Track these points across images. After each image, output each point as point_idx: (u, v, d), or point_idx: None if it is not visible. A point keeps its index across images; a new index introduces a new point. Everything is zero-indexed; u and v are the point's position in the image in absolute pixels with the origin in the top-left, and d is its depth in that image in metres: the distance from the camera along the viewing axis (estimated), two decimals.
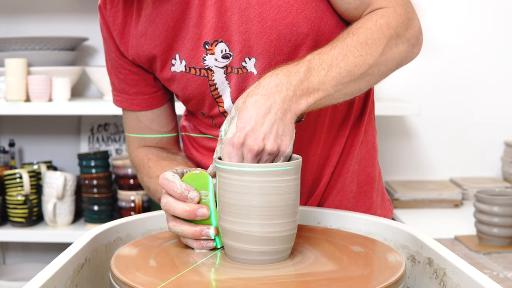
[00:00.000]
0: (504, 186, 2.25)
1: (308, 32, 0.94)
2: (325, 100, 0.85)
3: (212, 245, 0.80)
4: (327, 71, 0.84)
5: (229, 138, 0.77)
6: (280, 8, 0.92)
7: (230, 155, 0.76)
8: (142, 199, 2.17)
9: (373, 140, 1.12)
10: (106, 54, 1.11)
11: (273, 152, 0.77)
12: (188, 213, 0.79)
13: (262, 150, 0.76)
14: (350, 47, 0.87)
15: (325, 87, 0.83)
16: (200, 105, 1.04)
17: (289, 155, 0.79)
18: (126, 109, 1.13)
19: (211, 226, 0.80)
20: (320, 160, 1.06)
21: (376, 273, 0.73)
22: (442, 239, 1.81)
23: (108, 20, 1.05)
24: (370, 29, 0.90)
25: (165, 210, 0.81)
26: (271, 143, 0.76)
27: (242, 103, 0.79)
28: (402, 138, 2.39)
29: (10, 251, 2.47)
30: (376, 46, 0.89)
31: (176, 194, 0.79)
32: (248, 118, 0.77)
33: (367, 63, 0.87)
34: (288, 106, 0.79)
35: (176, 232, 0.81)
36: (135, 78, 1.09)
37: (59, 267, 0.72)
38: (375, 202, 1.13)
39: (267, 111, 0.77)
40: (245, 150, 0.76)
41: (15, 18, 2.36)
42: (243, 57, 0.96)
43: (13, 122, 2.43)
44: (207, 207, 0.79)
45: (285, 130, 0.78)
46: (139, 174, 1.14)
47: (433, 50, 2.31)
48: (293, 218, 0.76)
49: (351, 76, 0.86)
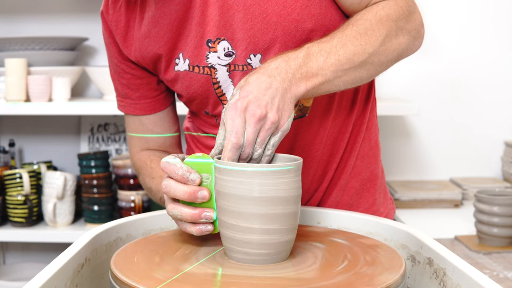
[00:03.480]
0: (504, 186, 2.25)
1: (312, 28, 0.95)
2: (325, 85, 0.86)
3: (211, 229, 0.79)
4: (326, 57, 0.86)
5: (232, 102, 0.78)
6: (285, 4, 0.93)
7: (233, 118, 0.77)
8: (142, 199, 2.17)
9: (375, 138, 1.13)
10: (109, 61, 1.11)
11: (275, 121, 0.78)
12: (189, 195, 0.77)
13: (264, 117, 0.77)
14: (349, 36, 0.89)
15: (324, 72, 0.85)
16: (204, 104, 1.04)
17: (286, 132, 0.80)
18: (130, 114, 1.14)
19: (211, 208, 0.79)
20: (324, 157, 1.07)
21: (376, 273, 0.73)
22: (442, 239, 1.81)
23: (111, 25, 1.06)
24: (370, 20, 0.91)
25: (165, 192, 0.80)
26: (273, 113, 0.78)
27: (244, 81, 0.81)
28: (402, 138, 2.39)
29: (10, 251, 2.47)
30: (376, 37, 0.90)
31: (177, 176, 0.78)
32: (251, 89, 0.79)
33: (367, 52, 0.89)
34: (288, 86, 0.81)
35: (175, 215, 0.79)
36: (138, 82, 1.10)
37: (59, 267, 0.72)
38: (377, 199, 1.13)
39: (268, 86, 0.80)
40: (247, 115, 0.77)
41: (15, 18, 2.36)
42: (248, 54, 0.96)
43: (13, 122, 2.43)
44: (208, 190, 0.78)
45: (285, 107, 0.80)
46: (140, 176, 1.14)
47: (433, 50, 2.31)
48: (294, 217, 0.76)
49: (351, 63, 0.88)
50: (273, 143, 0.79)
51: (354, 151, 1.08)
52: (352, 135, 1.08)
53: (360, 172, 1.10)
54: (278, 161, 0.82)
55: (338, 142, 1.07)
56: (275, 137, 0.79)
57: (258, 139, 0.78)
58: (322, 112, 1.03)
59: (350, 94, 1.06)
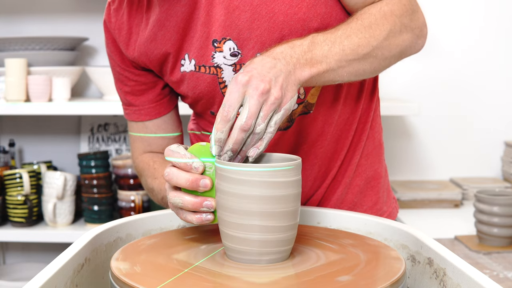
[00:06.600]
0: (504, 186, 2.25)
1: (318, 27, 0.95)
2: (329, 74, 0.87)
3: (211, 218, 0.79)
4: (330, 46, 0.87)
5: (234, 76, 0.78)
6: (291, 3, 0.94)
7: (231, 91, 0.77)
8: (142, 199, 2.17)
9: (379, 137, 1.14)
10: (112, 70, 1.13)
11: (278, 97, 0.77)
12: (191, 183, 0.77)
13: (267, 92, 0.77)
14: (354, 29, 0.90)
15: (328, 60, 0.86)
16: (210, 104, 1.05)
17: (289, 112, 0.80)
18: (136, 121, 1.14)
19: (213, 198, 0.78)
20: (328, 154, 1.07)
21: (376, 273, 0.73)
22: (442, 239, 1.81)
23: (114, 32, 1.07)
24: (374, 15, 0.93)
25: (168, 180, 0.79)
26: (277, 89, 0.78)
27: (249, 62, 0.82)
28: (402, 138, 2.39)
29: (10, 251, 2.47)
30: (380, 31, 0.91)
31: (181, 164, 0.78)
32: (255, 66, 0.79)
33: (371, 45, 0.90)
34: (292, 69, 0.82)
35: (176, 203, 0.79)
36: (142, 88, 1.10)
37: (59, 267, 0.72)
38: (381, 198, 1.14)
39: (273, 66, 0.80)
40: (250, 89, 0.77)
41: (15, 18, 2.36)
42: (255, 53, 0.97)
43: (13, 122, 2.43)
44: (210, 179, 0.78)
45: (288, 87, 0.80)
46: (143, 178, 1.14)
47: (433, 50, 2.31)
48: (294, 217, 0.76)
49: (355, 54, 0.89)
50: (276, 120, 0.79)
51: (358, 150, 1.09)
52: (356, 133, 1.09)
53: (364, 170, 1.11)
54: (277, 161, 0.82)
55: (342, 139, 1.08)
56: (277, 115, 0.79)
57: (261, 113, 0.77)
58: (326, 109, 1.04)
59: (354, 92, 1.06)
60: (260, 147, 0.78)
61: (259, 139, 0.78)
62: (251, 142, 0.78)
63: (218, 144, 0.77)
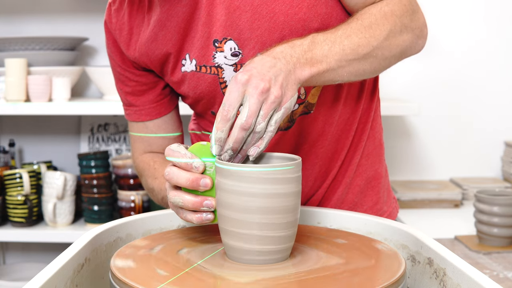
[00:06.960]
0: (504, 186, 2.25)
1: (318, 28, 0.95)
2: (329, 74, 0.87)
3: (211, 218, 0.79)
4: (331, 46, 0.87)
5: (234, 75, 0.78)
6: (292, 4, 0.94)
7: (230, 90, 0.77)
8: (142, 199, 2.17)
9: (379, 137, 1.14)
10: (113, 71, 1.13)
11: (278, 96, 0.77)
12: (191, 182, 0.77)
13: (267, 90, 0.77)
14: (354, 29, 0.90)
15: (328, 60, 0.86)
16: (210, 104, 1.05)
17: (289, 111, 0.80)
18: (136, 121, 1.14)
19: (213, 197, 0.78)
20: (328, 154, 1.08)
21: (376, 273, 0.73)
22: (442, 239, 1.81)
23: (115, 33, 1.07)
24: (375, 15, 0.93)
25: (168, 179, 0.79)
26: (277, 88, 0.78)
27: (248, 61, 0.82)
28: (402, 138, 2.39)
29: (10, 251, 2.47)
30: (380, 31, 0.92)
31: (181, 164, 0.78)
32: (255, 66, 0.79)
33: (371, 45, 0.90)
34: (292, 68, 0.82)
35: (176, 202, 0.79)
36: (143, 88, 1.11)
37: (59, 267, 0.72)
38: (381, 198, 1.14)
39: (272, 65, 0.80)
40: (250, 87, 0.76)
41: (15, 18, 2.36)
42: (255, 53, 0.97)
43: (13, 122, 2.43)
44: (210, 178, 0.78)
45: (288, 86, 0.80)
46: (143, 178, 1.14)
47: (433, 50, 2.31)
48: (294, 218, 0.76)
49: (355, 54, 0.89)
50: (276, 119, 0.79)
51: (358, 150, 1.09)
52: (356, 133, 1.09)
53: (365, 170, 1.11)
54: (278, 161, 0.82)
55: (343, 139, 1.08)
56: (278, 114, 0.79)
57: (261, 112, 0.77)
58: (327, 109, 1.04)
59: (355, 92, 1.07)
60: (261, 146, 0.78)
61: (260, 138, 0.78)
62: (252, 141, 0.78)
63: (218, 144, 0.77)
